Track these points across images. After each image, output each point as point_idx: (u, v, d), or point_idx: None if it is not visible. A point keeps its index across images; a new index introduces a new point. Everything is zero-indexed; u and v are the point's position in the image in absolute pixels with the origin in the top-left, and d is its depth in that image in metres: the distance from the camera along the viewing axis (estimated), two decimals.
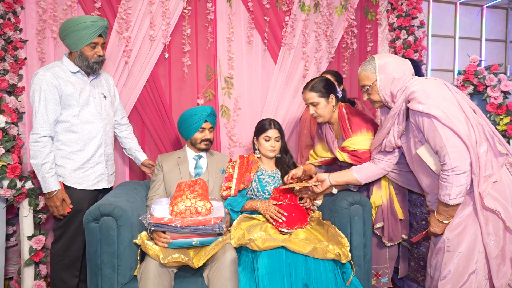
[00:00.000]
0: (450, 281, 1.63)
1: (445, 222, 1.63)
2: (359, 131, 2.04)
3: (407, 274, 2.21)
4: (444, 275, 1.65)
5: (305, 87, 2.10)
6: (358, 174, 1.98)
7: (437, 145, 1.55)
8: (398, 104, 1.69)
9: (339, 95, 2.13)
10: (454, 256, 1.62)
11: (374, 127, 2.07)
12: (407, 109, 1.68)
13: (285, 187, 2.05)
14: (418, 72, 2.23)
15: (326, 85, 2.06)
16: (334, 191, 2.07)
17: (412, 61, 2.18)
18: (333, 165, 2.27)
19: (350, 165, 2.07)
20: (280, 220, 1.95)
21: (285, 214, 1.97)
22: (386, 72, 1.70)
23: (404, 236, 2.08)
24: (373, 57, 1.75)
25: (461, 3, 3.59)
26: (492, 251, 1.57)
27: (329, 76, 2.60)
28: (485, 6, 3.68)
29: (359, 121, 2.06)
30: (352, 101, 2.49)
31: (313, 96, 2.05)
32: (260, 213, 2.13)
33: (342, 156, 2.07)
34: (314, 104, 2.06)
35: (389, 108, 1.78)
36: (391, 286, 2.16)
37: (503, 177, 1.59)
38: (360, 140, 2.03)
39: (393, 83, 1.69)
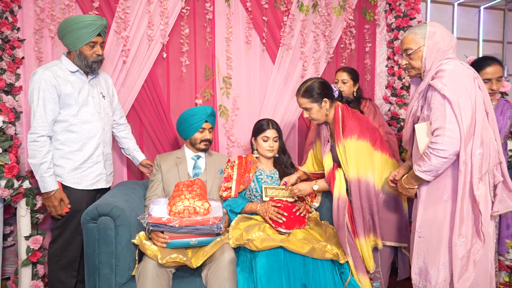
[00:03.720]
0: (420, 268, 1.69)
1: (406, 186, 1.76)
2: (350, 136, 1.94)
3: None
4: (415, 262, 1.71)
5: (298, 91, 2.04)
6: None
7: (437, 123, 1.57)
8: (426, 80, 1.68)
9: (336, 94, 2.06)
10: (425, 243, 1.69)
11: (370, 134, 1.98)
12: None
13: (275, 199, 2.07)
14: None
15: (318, 89, 1.98)
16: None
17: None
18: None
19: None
20: (280, 221, 1.95)
21: (285, 214, 1.97)
22: (435, 40, 1.68)
23: (404, 244, 2.06)
24: (425, 23, 1.73)
25: (459, 4, 3.59)
26: (459, 252, 1.59)
27: (345, 74, 2.59)
28: (482, 7, 3.69)
29: (353, 126, 1.96)
30: (349, 100, 2.47)
31: (305, 102, 2.00)
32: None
33: (328, 164, 2.04)
34: (307, 109, 2.02)
35: (421, 80, 1.77)
36: None
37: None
38: (351, 148, 1.94)
39: (437, 53, 1.68)
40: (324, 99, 1.99)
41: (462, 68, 1.64)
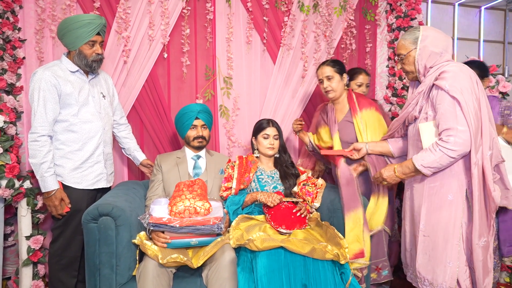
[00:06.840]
0: (426, 266, 1.71)
1: (396, 174, 1.77)
2: (369, 107, 2.23)
3: None
4: (420, 260, 1.72)
5: (323, 63, 2.31)
6: (393, 146, 2.04)
7: (448, 123, 1.57)
8: (427, 81, 1.69)
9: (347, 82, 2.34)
10: (431, 242, 1.69)
11: (381, 111, 2.30)
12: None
13: (290, 200, 2.08)
14: (485, 72, 2.37)
15: (341, 64, 2.31)
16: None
17: (479, 63, 2.36)
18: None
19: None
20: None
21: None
22: (426, 44, 1.70)
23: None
24: (418, 27, 1.76)
25: (460, 4, 3.59)
26: (480, 254, 1.58)
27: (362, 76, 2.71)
28: (483, 7, 3.69)
29: (367, 102, 2.27)
30: None
31: (331, 70, 2.25)
32: (259, 213, 2.13)
33: (337, 141, 2.21)
34: (330, 78, 2.24)
35: (419, 82, 1.78)
36: (392, 279, 2.17)
37: None
38: (370, 117, 2.20)
39: (430, 56, 1.70)
40: (344, 74, 2.30)
41: (466, 69, 1.65)
